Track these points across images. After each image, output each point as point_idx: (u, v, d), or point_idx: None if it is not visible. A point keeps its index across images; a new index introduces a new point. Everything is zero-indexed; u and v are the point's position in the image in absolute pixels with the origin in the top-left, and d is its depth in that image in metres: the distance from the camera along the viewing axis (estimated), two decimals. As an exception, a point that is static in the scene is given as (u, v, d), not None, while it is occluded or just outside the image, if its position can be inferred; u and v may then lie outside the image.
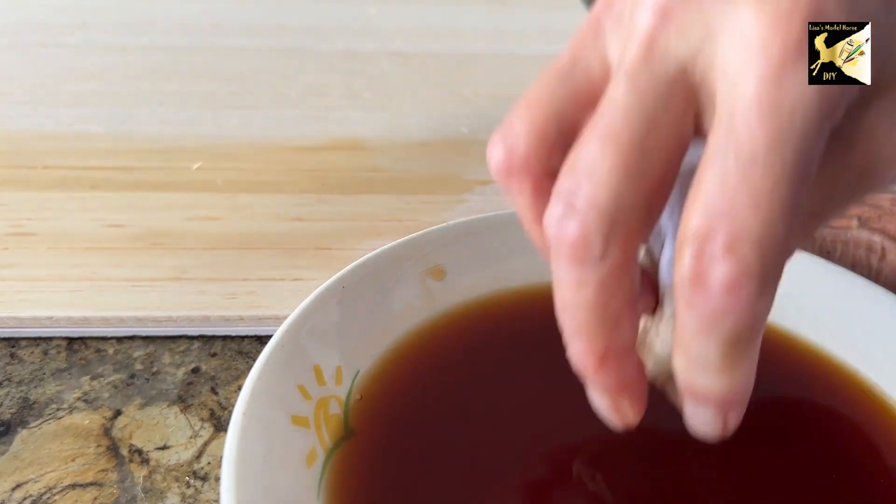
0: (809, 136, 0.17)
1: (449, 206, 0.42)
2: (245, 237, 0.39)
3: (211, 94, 0.51)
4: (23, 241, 0.37)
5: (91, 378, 0.32)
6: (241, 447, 0.23)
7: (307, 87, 0.53)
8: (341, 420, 0.27)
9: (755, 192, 0.17)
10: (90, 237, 0.38)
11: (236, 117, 0.49)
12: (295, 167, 0.45)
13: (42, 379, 0.32)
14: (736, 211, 0.17)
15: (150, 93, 0.51)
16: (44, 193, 0.41)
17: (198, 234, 0.39)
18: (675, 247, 0.18)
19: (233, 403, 0.29)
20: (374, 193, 0.43)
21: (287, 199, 0.42)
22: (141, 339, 0.34)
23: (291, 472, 0.24)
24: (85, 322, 0.33)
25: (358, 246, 0.38)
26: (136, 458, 0.29)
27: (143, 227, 0.39)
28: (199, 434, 0.30)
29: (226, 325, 0.34)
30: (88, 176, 0.42)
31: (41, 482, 0.28)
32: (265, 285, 0.36)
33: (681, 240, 0.18)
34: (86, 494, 0.27)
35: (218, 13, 0.63)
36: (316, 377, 0.27)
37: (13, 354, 0.33)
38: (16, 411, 0.30)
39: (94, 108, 0.49)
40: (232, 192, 0.42)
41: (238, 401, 0.24)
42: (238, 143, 0.47)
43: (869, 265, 0.35)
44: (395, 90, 0.54)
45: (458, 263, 0.32)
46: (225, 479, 0.22)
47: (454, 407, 0.28)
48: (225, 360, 0.33)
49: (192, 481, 0.28)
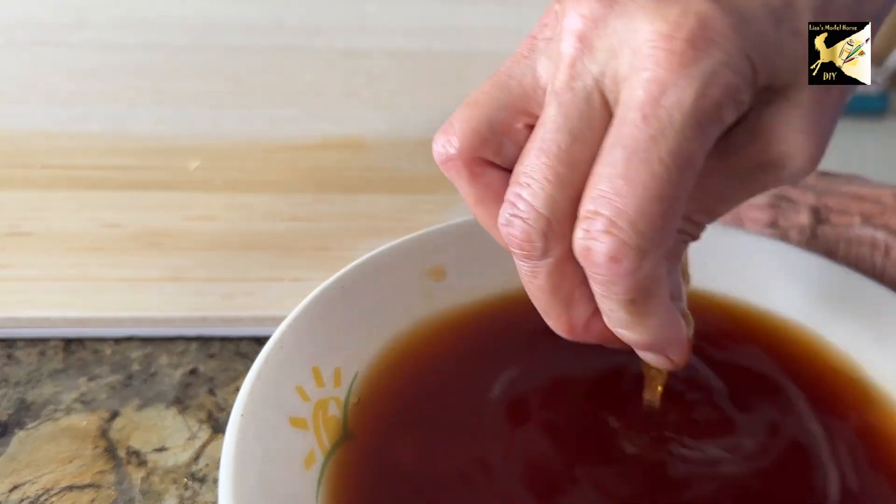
0: (687, 134, 0.20)
1: (449, 206, 0.42)
2: (243, 237, 0.38)
3: (209, 93, 0.51)
4: (20, 242, 0.37)
5: (88, 379, 0.32)
6: (240, 449, 0.23)
7: (306, 86, 0.53)
8: (340, 422, 0.26)
9: (633, 179, 0.20)
10: (88, 237, 0.38)
11: (235, 116, 0.49)
12: (293, 166, 0.44)
13: (39, 380, 0.32)
14: (616, 195, 0.20)
15: (147, 92, 0.51)
16: (41, 193, 0.40)
17: (196, 234, 0.38)
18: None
19: (231, 405, 0.28)
20: (374, 193, 0.43)
21: (285, 198, 0.42)
22: (138, 340, 0.34)
23: (290, 473, 0.24)
24: (82, 323, 0.33)
25: (357, 246, 0.38)
26: (134, 459, 0.29)
27: (140, 227, 0.39)
28: (197, 436, 0.30)
29: (224, 325, 0.34)
30: (86, 175, 0.42)
31: (38, 484, 0.27)
32: (263, 286, 0.36)
33: (577, 221, 0.21)
34: (83, 496, 0.27)
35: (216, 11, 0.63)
36: (315, 378, 0.27)
37: (10, 355, 0.33)
38: (13, 412, 0.30)
39: (92, 108, 0.49)
40: (230, 191, 0.42)
41: (236, 402, 0.24)
42: (236, 143, 0.46)
43: (873, 262, 0.35)
44: (395, 89, 0.54)
45: (458, 264, 0.32)
46: (223, 481, 0.22)
47: (454, 408, 0.28)
48: (223, 361, 0.33)
49: (190, 483, 0.28)
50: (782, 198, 0.39)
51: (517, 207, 0.22)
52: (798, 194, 0.39)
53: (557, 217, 0.22)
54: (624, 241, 0.20)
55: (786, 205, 0.38)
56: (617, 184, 0.20)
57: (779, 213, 0.38)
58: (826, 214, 0.37)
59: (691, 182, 0.21)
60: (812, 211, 0.37)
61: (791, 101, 0.22)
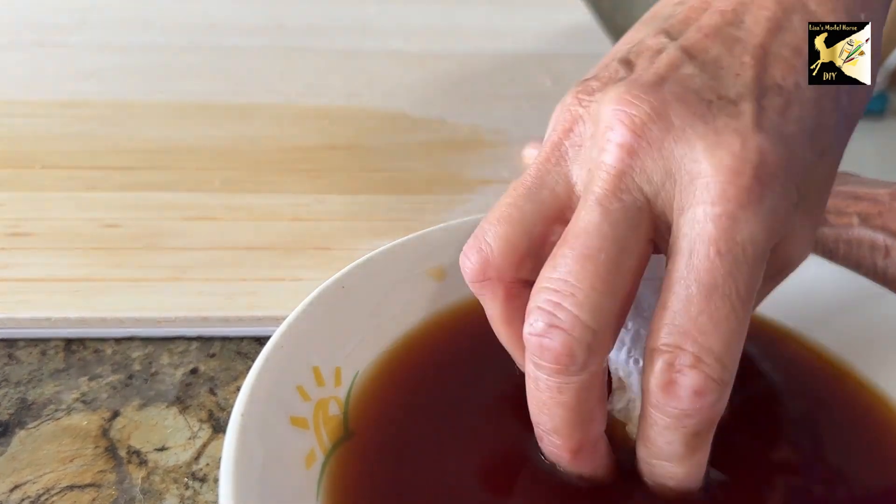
0: (758, 263, 0.21)
1: (449, 206, 0.42)
2: (243, 237, 0.38)
3: (210, 94, 0.51)
4: (21, 242, 0.37)
5: (89, 379, 0.32)
6: (240, 448, 0.23)
7: (306, 87, 0.53)
8: (340, 421, 0.26)
9: (715, 314, 0.20)
10: (88, 237, 0.38)
11: (235, 117, 0.49)
12: (293, 166, 0.45)
13: (40, 380, 0.32)
14: (700, 330, 0.20)
15: (148, 92, 0.51)
16: (42, 193, 0.41)
17: (196, 234, 0.38)
18: (645, 356, 0.21)
19: (231, 404, 0.29)
20: (374, 193, 0.43)
21: (286, 198, 0.42)
22: (139, 340, 0.34)
23: (290, 473, 0.24)
24: (83, 323, 0.33)
25: (357, 246, 0.38)
26: (135, 459, 0.29)
27: (140, 227, 0.39)
28: (198, 435, 0.30)
29: (224, 325, 0.34)
30: (86, 176, 0.42)
31: (39, 483, 0.27)
32: (264, 286, 0.36)
33: (651, 352, 0.21)
34: (84, 496, 0.27)
35: (217, 13, 0.63)
36: (315, 378, 0.27)
37: (11, 355, 0.33)
38: (14, 412, 0.30)
39: (93, 108, 0.49)
40: (230, 191, 0.42)
41: (237, 402, 0.24)
42: (236, 143, 0.46)
43: (874, 264, 0.35)
44: (395, 90, 0.54)
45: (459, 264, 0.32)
46: (224, 481, 0.22)
47: (454, 408, 0.28)
48: (224, 360, 0.33)
49: (191, 482, 0.28)
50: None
51: (556, 318, 0.21)
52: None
53: (603, 329, 0.21)
54: (710, 376, 0.20)
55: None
56: (699, 320, 0.20)
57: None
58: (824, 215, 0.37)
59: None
60: (811, 211, 0.37)
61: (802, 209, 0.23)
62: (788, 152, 0.21)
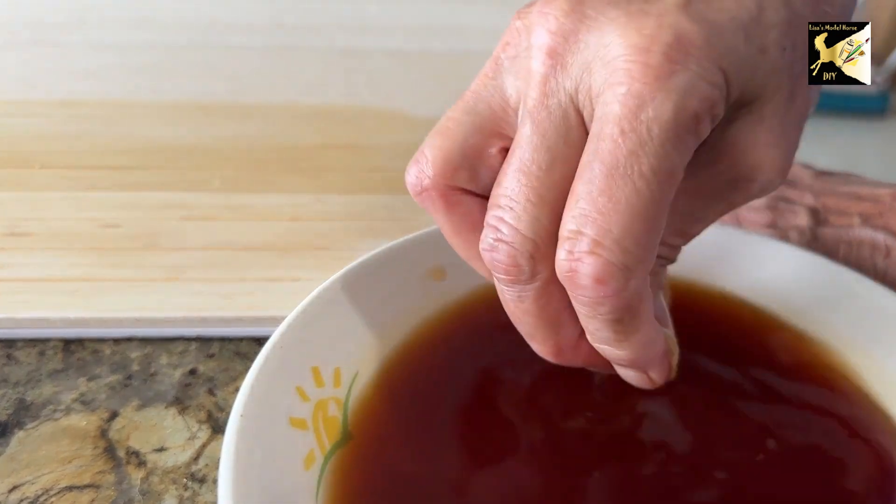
0: (667, 147, 0.20)
1: (448, 205, 0.42)
2: (242, 237, 0.38)
3: (208, 93, 0.51)
4: (19, 242, 0.37)
5: (88, 379, 0.32)
6: (239, 449, 0.23)
7: (305, 86, 0.53)
8: (340, 422, 0.26)
9: (615, 196, 0.20)
10: (87, 237, 0.38)
11: (234, 116, 0.49)
12: (293, 166, 0.44)
13: (39, 380, 0.32)
14: (599, 214, 0.20)
15: (147, 92, 0.51)
16: (40, 193, 0.40)
17: (195, 234, 0.38)
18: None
19: (230, 405, 0.28)
20: (374, 193, 0.43)
21: (285, 198, 0.42)
22: (138, 341, 0.34)
23: (289, 474, 0.24)
24: (81, 323, 0.33)
25: (357, 246, 0.38)
26: (134, 459, 0.28)
27: (140, 227, 0.38)
28: (197, 436, 0.30)
29: (223, 326, 0.34)
30: (85, 176, 0.42)
31: (38, 484, 0.27)
32: (263, 286, 0.36)
33: (559, 241, 0.21)
34: (83, 496, 0.27)
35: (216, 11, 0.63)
36: (314, 379, 0.27)
37: (9, 355, 0.33)
38: (12, 413, 0.30)
39: (91, 108, 0.49)
40: (230, 191, 0.42)
41: (236, 402, 0.24)
42: (236, 142, 0.46)
43: (874, 264, 0.35)
44: (395, 88, 0.54)
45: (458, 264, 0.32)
46: (222, 481, 0.22)
47: (454, 409, 0.28)
48: (223, 361, 0.33)
49: (190, 483, 0.28)
50: (780, 198, 0.39)
51: (500, 231, 0.22)
52: (796, 194, 0.38)
53: (543, 238, 0.21)
54: (609, 260, 0.20)
55: (784, 206, 0.38)
56: (599, 201, 0.20)
57: (777, 215, 0.38)
58: (825, 215, 0.37)
59: (671, 197, 0.21)
60: (811, 212, 0.37)
61: (757, 115, 0.22)
62: (711, 35, 0.21)
